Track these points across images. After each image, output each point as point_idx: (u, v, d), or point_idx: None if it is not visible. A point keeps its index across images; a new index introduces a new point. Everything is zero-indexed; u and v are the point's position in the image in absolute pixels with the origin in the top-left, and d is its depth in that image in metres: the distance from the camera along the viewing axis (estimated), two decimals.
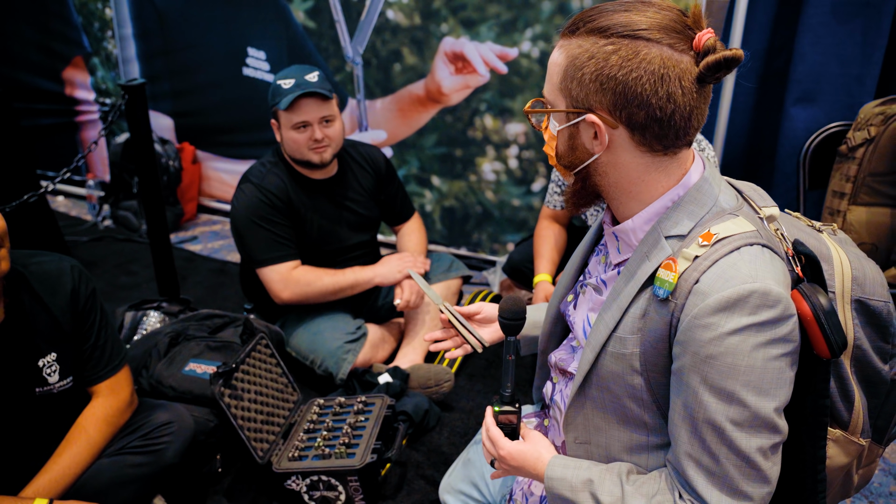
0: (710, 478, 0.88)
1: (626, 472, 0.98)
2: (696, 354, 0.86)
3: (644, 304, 0.94)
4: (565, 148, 0.96)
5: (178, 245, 3.36)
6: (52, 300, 1.41)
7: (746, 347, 0.84)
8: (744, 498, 0.87)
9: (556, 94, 0.94)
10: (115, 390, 1.51)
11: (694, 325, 0.86)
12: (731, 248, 0.87)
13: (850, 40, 2.28)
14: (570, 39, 0.91)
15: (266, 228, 2.04)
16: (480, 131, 2.89)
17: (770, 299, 0.84)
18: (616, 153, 0.92)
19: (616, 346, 0.96)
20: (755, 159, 2.60)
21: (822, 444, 0.96)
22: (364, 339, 2.15)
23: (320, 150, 2.03)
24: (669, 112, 0.87)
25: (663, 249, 0.92)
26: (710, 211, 0.92)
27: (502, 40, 2.71)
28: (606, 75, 0.86)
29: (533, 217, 2.92)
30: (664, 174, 0.93)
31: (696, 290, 0.86)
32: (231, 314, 2.11)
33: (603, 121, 0.89)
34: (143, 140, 2.26)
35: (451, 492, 1.55)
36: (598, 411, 1.03)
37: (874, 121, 2.05)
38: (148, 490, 1.54)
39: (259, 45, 3.23)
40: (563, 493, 0.99)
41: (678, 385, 0.90)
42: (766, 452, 0.87)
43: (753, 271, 0.85)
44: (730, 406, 0.85)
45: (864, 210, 2.08)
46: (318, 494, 1.65)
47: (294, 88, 1.96)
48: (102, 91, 3.75)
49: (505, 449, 1.07)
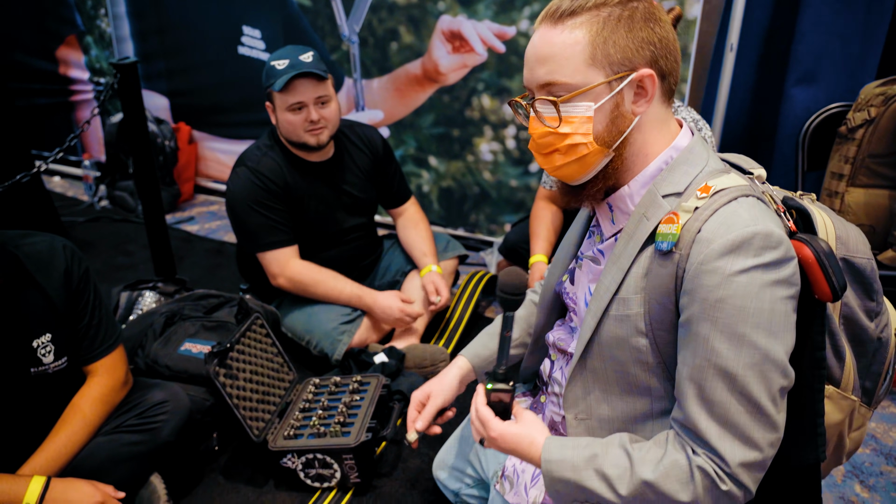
0: (723, 427, 0.88)
1: (629, 440, 0.97)
2: (705, 301, 0.87)
3: (646, 262, 0.95)
4: (605, 124, 0.94)
5: (175, 226, 3.35)
6: (46, 280, 1.40)
7: (754, 288, 0.85)
8: (754, 446, 0.88)
9: (586, 71, 0.92)
10: (110, 370, 1.51)
11: (701, 271, 0.87)
12: (730, 198, 0.90)
13: (852, 20, 2.26)
14: (577, 17, 0.91)
15: (263, 214, 2.03)
16: (478, 111, 2.86)
17: (773, 240, 0.86)
18: (649, 110, 0.95)
19: (619, 309, 0.97)
20: (754, 140, 2.58)
21: (821, 398, 0.98)
22: (360, 321, 2.15)
23: (316, 132, 2.01)
24: (678, 54, 0.96)
25: (661, 207, 0.94)
26: (702, 171, 0.96)
27: (500, 19, 2.68)
28: (641, 26, 0.92)
29: (530, 198, 2.91)
30: (665, 130, 0.98)
31: (700, 239, 0.88)
32: (226, 294, 2.11)
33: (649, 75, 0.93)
34: (136, 120, 2.24)
35: (444, 468, 1.56)
36: (599, 384, 1.03)
37: (875, 101, 2.03)
38: (144, 468, 1.55)
39: (254, 23, 3.20)
40: (563, 475, 0.96)
41: (687, 337, 0.91)
42: (776, 397, 0.88)
43: (753, 217, 0.87)
44: (741, 349, 0.86)
45: (863, 192, 2.08)
46: (314, 472, 1.67)
47: (288, 69, 1.94)
48: (97, 70, 3.72)
49: (496, 430, 1.05)
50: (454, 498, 1.55)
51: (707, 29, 2.49)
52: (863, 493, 1.72)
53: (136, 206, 3.49)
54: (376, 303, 2.11)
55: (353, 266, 2.29)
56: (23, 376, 1.39)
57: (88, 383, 1.49)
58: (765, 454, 0.89)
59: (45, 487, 1.31)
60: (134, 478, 1.52)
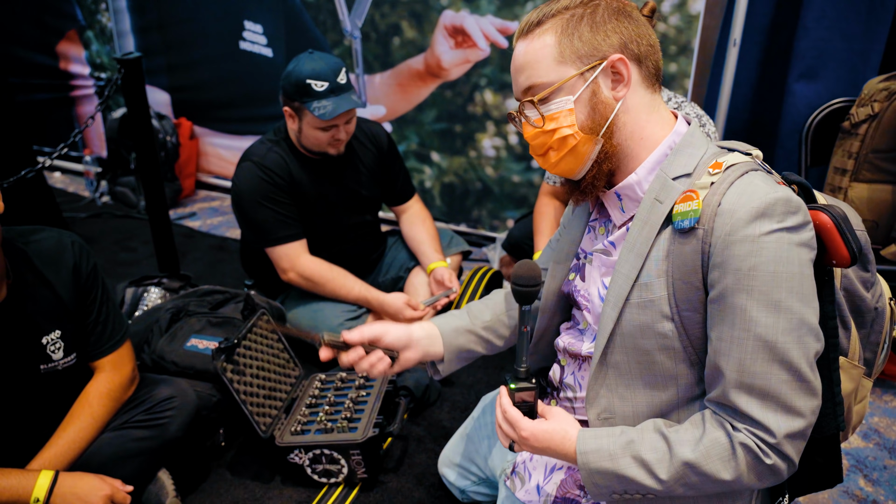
0: (764, 399, 0.88)
1: (665, 424, 0.96)
2: (738, 271, 0.88)
3: (666, 244, 0.96)
4: (586, 114, 0.99)
5: (177, 221, 3.35)
6: (55, 277, 1.41)
7: (783, 251, 0.87)
8: (797, 414, 0.88)
9: (558, 68, 0.98)
10: (118, 366, 1.51)
11: (730, 241, 0.88)
12: (742, 172, 0.92)
13: (855, 15, 2.26)
14: (542, 25, 0.99)
15: (271, 208, 2.03)
16: (480, 106, 2.86)
17: (793, 205, 0.88)
18: (631, 95, 0.98)
19: (641, 295, 0.97)
20: (757, 135, 2.59)
21: (836, 367, 0.99)
22: (365, 317, 2.16)
23: (339, 145, 2.03)
24: (653, 39, 1.00)
25: (674, 189, 0.96)
26: (706, 152, 0.98)
27: (503, 14, 2.67)
28: (606, 19, 0.97)
29: (533, 193, 2.91)
30: (660, 118, 1.01)
31: (721, 211, 0.90)
32: (232, 290, 2.11)
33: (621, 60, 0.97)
34: (140, 115, 2.24)
35: (449, 465, 1.56)
36: (622, 379, 1.02)
37: (878, 97, 2.04)
38: (152, 464, 1.55)
39: (256, 18, 3.19)
40: (601, 466, 0.95)
41: (721, 311, 0.91)
42: (812, 363, 0.89)
43: (771, 185, 0.90)
44: (779, 316, 0.87)
45: (866, 187, 2.08)
46: (321, 468, 1.67)
47: (329, 93, 1.91)
48: (97, 65, 3.70)
49: (527, 430, 1.02)
50: (461, 495, 1.56)
51: (710, 24, 2.49)
52: (867, 486, 1.73)
53: (137, 201, 3.49)
54: (383, 306, 2.12)
55: (357, 263, 2.30)
56: (33, 373, 1.39)
57: (96, 379, 1.49)
58: (808, 421, 0.89)
59: (53, 481, 1.32)
60: (141, 474, 1.53)
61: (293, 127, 2.04)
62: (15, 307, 1.35)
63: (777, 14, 2.39)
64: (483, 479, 1.49)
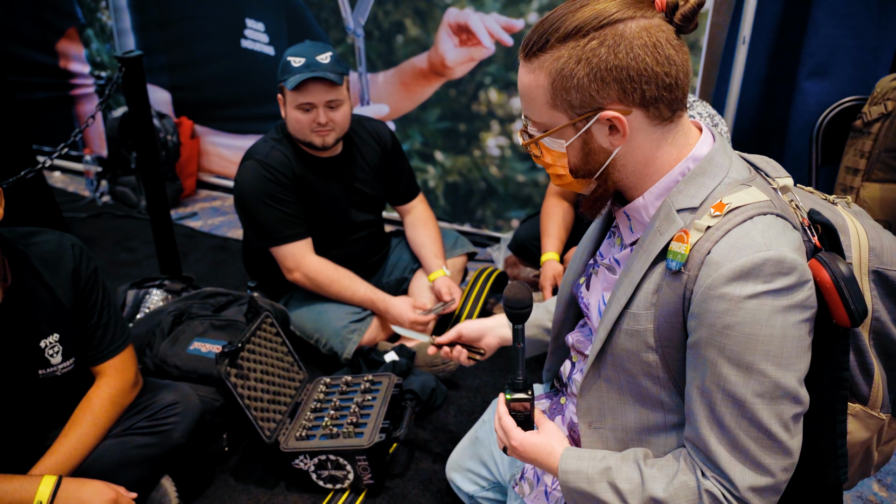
0: (733, 452, 0.87)
1: (643, 456, 0.97)
2: (712, 326, 0.85)
3: (657, 278, 0.92)
4: (579, 159, 0.95)
5: (178, 221, 3.32)
6: (54, 279, 1.38)
7: (763, 315, 0.82)
8: (765, 471, 0.86)
9: (551, 113, 0.92)
10: (120, 371, 1.49)
11: (708, 296, 0.84)
12: (744, 218, 0.86)
13: (866, 12, 2.22)
14: (541, 56, 0.89)
15: (275, 207, 2.00)
16: (485, 105, 2.83)
17: (785, 266, 0.82)
18: (633, 138, 0.91)
19: (629, 323, 0.95)
20: (766, 134, 2.56)
21: (843, 419, 0.95)
22: (370, 319, 2.13)
23: (323, 134, 1.99)
24: (675, 74, 0.88)
25: (675, 223, 0.91)
26: (721, 182, 0.91)
27: (508, 11, 2.64)
28: (605, 69, 0.86)
29: (538, 193, 2.88)
30: (674, 145, 0.93)
31: (709, 261, 0.85)
32: (235, 292, 2.08)
33: (618, 111, 0.88)
34: (141, 114, 2.21)
35: (458, 470, 1.54)
36: (613, 392, 1.02)
37: (891, 95, 2.00)
38: (155, 471, 1.53)
39: (257, 16, 3.15)
40: (578, 486, 0.97)
41: (695, 359, 0.89)
42: (788, 424, 0.86)
43: (767, 240, 0.83)
44: (750, 378, 0.84)
45: (878, 187, 2.05)
46: (327, 473, 1.65)
47: (303, 69, 1.91)
48: (97, 64, 3.67)
49: (517, 440, 1.07)
50: (469, 500, 1.54)
51: (718, 21, 2.46)
52: (881, 492, 1.70)
53: (138, 201, 3.46)
54: (388, 310, 2.09)
55: (361, 263, 2.27)
56: (31, 378, 1.37)
57: (98, 384, 1.47)
58: (777, 479, 0.87)
59: (56, 486, 1.30)
60: (144, 481, 1.50)
61: (283, 114, 2.03)
62: (13, 309, 1.33)
63: (787, 11, 2.36)
64: (494, 483, 1.47)
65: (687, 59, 0.90)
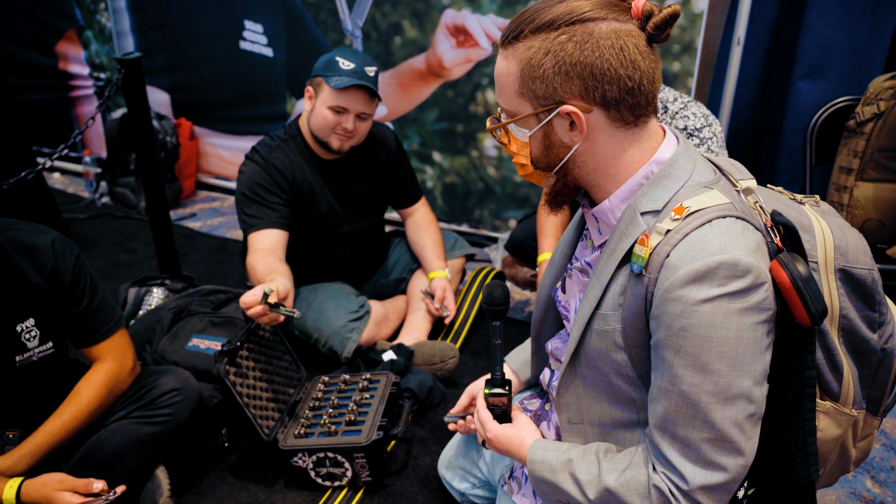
0: (685, 450, 0.89)
1: (605, 450, 1.01)
2: (669, 328, 0.87)
3: (623, 280, 0.95)
4: (540, 150, 0.97)
5: (177, 222, 3.33)
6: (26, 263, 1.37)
7: (718, 318, 0.84)
8: (718, 469, 0.88)
9: (518, 101, 0.95)
10: (116, 355, 1.50)
11: (666, 298, 0.87)
12: (703, 221, 0.87)
13: (860, 13, 2.25)
14: (515, 45, 0.92)
15: (259, 196, 2.00)
16: (482, 106, 2.85)
17: (739, 269, 0.84)
18: (593, 137, 0.93)
19: (599, 324, 0.98)
20: (761, 134, 2.57)
21: (811, 417, 0.96)
22: (368, 317, 2.14)
23: (343, 139, 2.01)
24: (638, 79, 0.89)
25: (639, 226, 0.93)
26: (684, 185, 0.93)
27: (505, 12, 2.66)
28: (570, 63, 0.88)
29: (534, 193, 2.90)
30: (637, 148, 0.94)
31: (668, 264, 0.87)
32: (234, 290, 2.10)
33: (578, 108, 0.90)
34: (140, 115, 2.22)
35: (450, 467, 1.56)
36: (588, 389, 1.05)
37: (884, 95, 2.02)
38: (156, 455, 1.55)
39: (256, 17, 3.17)
40: (543, 475, 1.02)
41: (656, 360, 0.92)
42: (742, 424, 0.87)
43: (723, 243, 0.85)
44: (704, 378, 0.86)
45: (872, 186, 2.07)
46: (325, 471, 1.66)
47: (351, 73, 1.92)
48: (97, 65, 3.69)
49: (492, 432, 1.13)
50: (460, 497, 1.55)
51: (713, 22, 2.48)
52: (874, 488, 1.72)
53: (137, 202, 3.47)
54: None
55: (362, 265, 2.28)
56: (7, 366, 1.37)
57: (94, 368, 1.48)
58: (729, 477, 0.89)
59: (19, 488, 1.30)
60: (144, 465, 1.53)
61: (307, 108, 2.03)
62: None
63: (781, 12, 2.38)
64: (484, 481, 1.48)
65: (655, 67, 0.91)
